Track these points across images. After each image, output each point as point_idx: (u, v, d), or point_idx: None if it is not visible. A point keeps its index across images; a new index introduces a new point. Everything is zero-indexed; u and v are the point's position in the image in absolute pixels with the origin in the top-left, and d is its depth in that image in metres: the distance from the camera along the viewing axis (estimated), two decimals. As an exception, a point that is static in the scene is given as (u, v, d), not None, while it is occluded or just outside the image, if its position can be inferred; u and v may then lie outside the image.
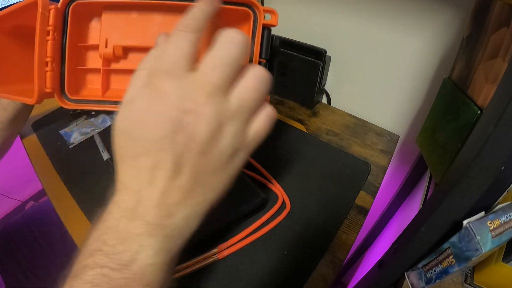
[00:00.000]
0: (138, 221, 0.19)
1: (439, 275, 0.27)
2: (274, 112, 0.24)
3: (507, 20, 0.32)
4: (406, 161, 0.69)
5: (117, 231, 0.19)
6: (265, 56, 0.30)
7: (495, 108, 0.22)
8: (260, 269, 0.38)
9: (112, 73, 0.32)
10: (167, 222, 0.20)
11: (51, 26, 0.29)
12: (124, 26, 0.31)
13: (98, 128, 0.59)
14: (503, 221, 0.25)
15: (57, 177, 0.50)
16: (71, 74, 0.31)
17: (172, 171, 0.19)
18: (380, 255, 0.37)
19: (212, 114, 0.19)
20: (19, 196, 1.29)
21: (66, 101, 0.31)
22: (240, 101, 0.21)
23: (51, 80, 0.30)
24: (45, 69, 0.29)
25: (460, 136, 0.37)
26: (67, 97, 0.31)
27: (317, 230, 0.43)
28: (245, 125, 0.22)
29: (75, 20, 0.31)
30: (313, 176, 0.50)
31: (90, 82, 0.33)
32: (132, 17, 0.31)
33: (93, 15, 0.32)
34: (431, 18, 0.49)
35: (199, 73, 0.20)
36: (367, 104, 0.67)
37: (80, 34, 0.32)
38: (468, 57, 0.40)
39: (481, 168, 0.21)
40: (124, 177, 0.20)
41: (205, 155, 0.20)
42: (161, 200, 0.19)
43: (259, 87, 0.22)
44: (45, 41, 0.29)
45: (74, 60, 0.31)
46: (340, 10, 0.58)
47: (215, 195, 0.22)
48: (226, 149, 0.21)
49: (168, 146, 0.19)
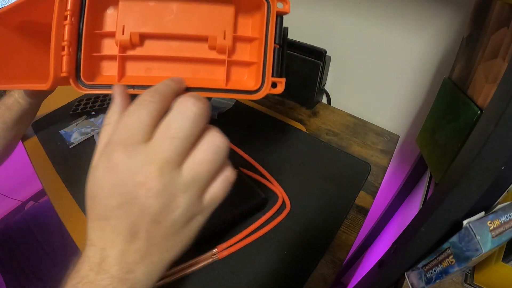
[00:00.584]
0: (104, 275, 0.20)
1: (439, 275, 0.27)
2: (233, 175, 0.24)
3: (507, 20, 0.32)
4: (406, 161, 0.69)
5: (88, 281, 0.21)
6: (278, 42, 0.31)
7: (495, 108, 0.22)
8: (260, 269, 0.38)
9: (128, 60, 0.32)
10: (129, 277, 0.21)
11: (69, 11, 0.29)
12: (140, 14, 0.31)
13: (98, 128, 0.59)
14: (503, 221, 0.25)
15: (57, 177, 0.50)
16: (86, 60, 0.31)
17: (128, 235, 0.21)
18: (380, 255, 0.37)
19: (162, 187, 0.20)
20: (19, 196, 1.29)
21: (81, 86, 0.31)
22: (193, 174, 0.21)
23: (67, 65, 0.30)
24: (62, 53, 0.29)
25: (460, 136, 0.37)
26: (82, 83, 0.31)
27: (317, 230, 0.43)
28: (200, 193, 0.22)
29: (93, 6, 0.31)
30: (313, 176, 0.50)
31: (105, 69, 0.33)
32: (148, 5, 0.31)
33: (109, 3, 0.32)
34: (431, 18, 0.49)
35: (152, 145, 0.21)
36: (367, 104, 0.67)
37: (96, 21, 0.32)
38: (468, 57, 0.40)
39: (481, 168, 0.21)
40: (92, 234, 0.22)
41: (158, 224, 0.21)
42: (121, 259, 0.21)
43: (214, 158, 0.22)
44: (63, 26, 0.29)
45: (90, 46, 0.31)
46: (340, 10, 0.58)
47: (172, 255, 0.23)
48: (179, 218, 0.22)
49: (123, 215, 0.20)
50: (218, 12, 0.32)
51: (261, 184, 0.48)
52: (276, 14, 0.31)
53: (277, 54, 0.31)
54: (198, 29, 0.32)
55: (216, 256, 0.38)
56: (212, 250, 0.39)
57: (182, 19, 0.32)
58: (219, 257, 0.38)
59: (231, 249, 0.39)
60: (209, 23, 0.32)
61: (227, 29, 0.31)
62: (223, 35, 0.31)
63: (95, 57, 0.32)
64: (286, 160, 0.52)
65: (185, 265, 0.37)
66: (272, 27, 0.31)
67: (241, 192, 0.43)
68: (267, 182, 0.48)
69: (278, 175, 0.49)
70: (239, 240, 0.40)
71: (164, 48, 0.32)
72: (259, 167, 0.50)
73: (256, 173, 0.49)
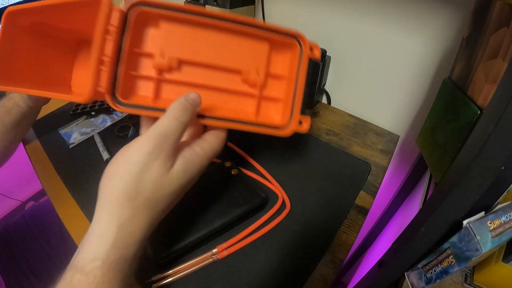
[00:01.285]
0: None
1: (439, 275, 0.27)
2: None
3: (507, 20, 0.32)
4: (406, 161, 0.69)
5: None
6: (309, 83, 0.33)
7: (495, 108, 0.21)
8: (260, 269, 0.38)
9: (163, 82, 0.33)
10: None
11: (114, 27, 0.29)
12: (181, 39, 0.32)
13: (98, 128, 0.59)
14: (503, 221, 0.25)
15: (57, 177, 0.50)
16: (123, 78, 0.31)
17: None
18: (380, 255, 0.37)
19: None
20: (19, 196, 1.29)
21: (117, 104, 0.31)
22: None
23: (106, 80, 0.29)
24: (101, 68, 0.29)
25: (460, 136, 0.37)
26: (118, 100, 0.31)
27: (317, 230, 0.43)
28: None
29: (136, 26, 0.31)
30: (313, 176, 0.50)
31: (140, 88, 0.33)
32: (189, 31, 0.32)
33: (153, 24, 0.32)
34: (431, 18, 0.49)
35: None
36: (367, 104, 0.67)
37: (137, 41, 0.32)
38: (468, 57, 0.40)
39: (481, 168, 0.21)
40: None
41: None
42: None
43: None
44: (105, 40, 0.29)
45: (128, 65, 0.31)
46: (340, 10, 0.58)
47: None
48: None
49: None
50: (253, 47, 0.33)
51: (261, 184, 0.48)
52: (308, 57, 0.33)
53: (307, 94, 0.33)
54: (233, 62, 0.33)
55: (216, 256, 0.38)
56: (212, 250, 0.39)
57: (220, 49, 0.33)
58: (219, 257, 0.38)
59: (231, 249, 0.39)
60: (244, 56, 0.33)
61: (261, 65, 0.33)
62: (256, 70, 0.33)
63: (132, 75, 0.32)
64: (286, 160, 0.52)
65: (185, 265, 0.37)
66: (303, 69, 0.32)
67: (241, 192, 0.43)
68: (267, 182, 0.48)
69: (278, 175, 0.49)
70: (239, 240, 0.40)
71: (199, 75, 0.33)
72: (259, 167, 0.50)
73: (256, 173, 0.49)
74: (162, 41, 0.32)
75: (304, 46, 0.32)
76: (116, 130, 0.58)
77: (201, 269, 0.38)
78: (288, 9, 0.64)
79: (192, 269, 0.37)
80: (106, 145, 0.54)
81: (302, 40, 0.32)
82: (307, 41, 0.32)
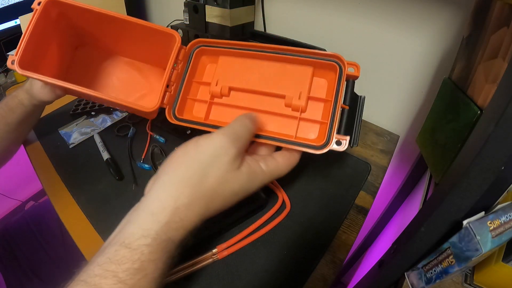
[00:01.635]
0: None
1: (439, 275, 0.27)
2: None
3: (507, 20, 0.32)
4: (406, 161, 0.69)
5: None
6: (347, 103, 0.35)
7: (495, 108, 0.21)
8: (260, 269, 0.38)
9: (214, 105, 0.40)
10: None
11: (180, 61, 0.39)
12: (233, 70, 0.39)
13: (98, 128, 0.59)
14: (503, 221, 0.25)
15: (57, 177, 0.50)
16: (182, 100, 0.39)
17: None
18: (380, 255, 0.37)
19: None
20: (19, 196, 1.29)
21: (174, 118, 0.38)
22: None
23: (169, 100, 0.38)
24: (167, 90, 0.38)
25: (460, 136, 0.37)
26: (175, 116, 0.38)
27: (317, 230, 0.43)
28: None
29: (196, 60, 0.41)
30: (313, 176, 0.50)
31: (195, 109, 0.41)
32: (242, 63, 0.39)
33: (210, 59, 0.41)
34: (431, 18, 0.49)
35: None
36: (367, 104, 0.66)
37: (196, 72, 0.41)
38: (468, 57, 0.40)
39: (481, 168, 0.21)
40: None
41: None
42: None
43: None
44: (173, 69, 0.38)
45: (187, 90, 0.40)
46: (340, 10, 0.58)
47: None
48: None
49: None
50: (298, 72, 0.37)
51: (261, 184, 0.48)
52: (346, 78, 0.35)
53: (346, 115, 0.34)
54: (278, 87, 0.37)
55: (216, 256, 0.38)
56: (212, 250, 0.39)
57: (267, 76, 0.38)
58: (219, 257, 0.38)
59: (231, 249, 0.39)
60: (289, 81, 0.37)
61: (303, 90, 0.36)
62: (298, 96, 0.36)
63: (189, 99, 0.40)
64: (286, 160, 0.52)
65: (185, 265, 0.37)
66: (342, 89, 0.34)
67: (241, 192, 0.43)
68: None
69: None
70: (239, 240, 0.40)
71: (246, 100, 0.39)
72: (259, 167, 0.50)
73: (256, 173, 0.49)
74: (218, 73, 0.39)
75: (343, 66, 0.34)
76: (116, 130, 0.58)
77: (201, 269, 0.38)
78: (288, 9, 0.65)
79: (192, 269, 0.37)
80: (106, 145, 0.54)
81: (341, 61, 0.35)
82: (345, 62, 0.34)
